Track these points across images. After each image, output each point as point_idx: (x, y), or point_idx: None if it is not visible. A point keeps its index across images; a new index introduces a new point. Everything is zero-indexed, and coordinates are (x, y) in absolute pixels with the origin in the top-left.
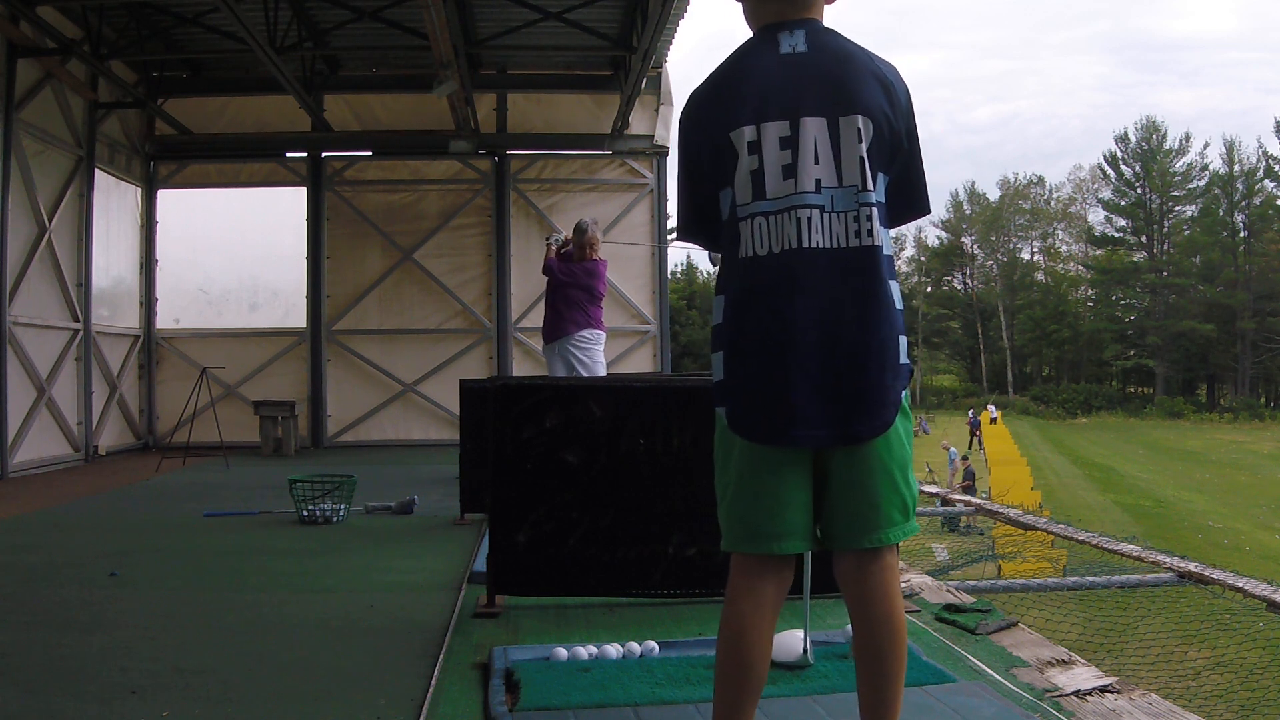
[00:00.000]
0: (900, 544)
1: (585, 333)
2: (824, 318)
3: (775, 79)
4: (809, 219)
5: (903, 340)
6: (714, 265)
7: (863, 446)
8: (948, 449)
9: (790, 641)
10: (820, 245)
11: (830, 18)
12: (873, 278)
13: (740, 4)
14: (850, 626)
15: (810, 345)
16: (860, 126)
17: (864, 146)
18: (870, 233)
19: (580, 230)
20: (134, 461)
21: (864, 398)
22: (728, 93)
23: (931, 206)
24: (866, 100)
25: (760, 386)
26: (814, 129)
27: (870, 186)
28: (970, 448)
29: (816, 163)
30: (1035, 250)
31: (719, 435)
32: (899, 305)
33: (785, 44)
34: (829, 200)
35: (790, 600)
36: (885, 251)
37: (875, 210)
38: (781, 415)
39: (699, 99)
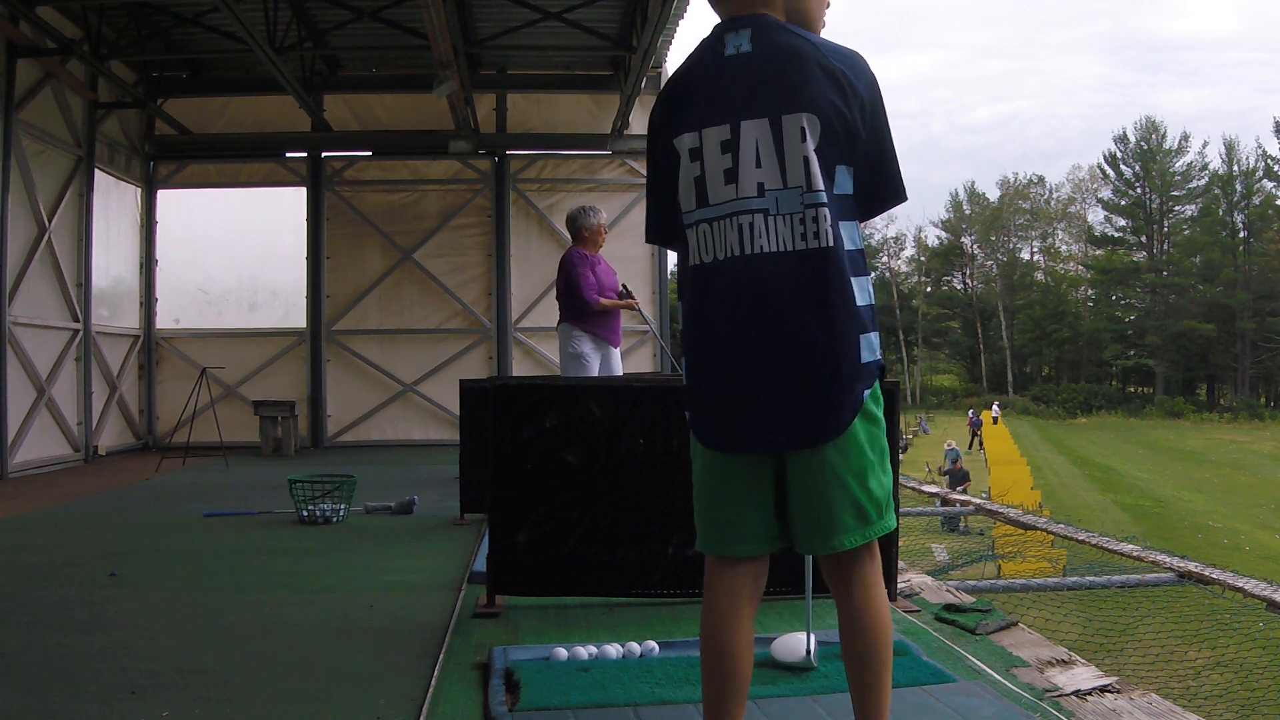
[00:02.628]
0: (878, 545)
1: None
2: (772, 323)
3: (718, 82)
4: (750, 224)
5: (866, 339)
6: None
7: (817, 451)
8: (951, 448)
9: (793, 643)
10: (765, 250)
11: (831, 18)
12: (825, 279)
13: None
14: None
15: (759, 351)
16: (805, 124)
17: (810, 145)
18: (818, 234)
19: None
20: (134, 461)
21: (816, 401)
22: (674, 99)
23: (907, 193)
24: (812, 95)
25: (713, 393)
26: (754, 131)
27: (818, 186)
28: (970, 448)
29: (758, 166)
30: (1035, 250)
31: (692, 438)
32: (863, 301)
33: (730, 44)
34: (773, 203)
35: (790, 600)
36: (846, 248)
37: (827, 210)
38: (733, 422)
39: (657, 105)
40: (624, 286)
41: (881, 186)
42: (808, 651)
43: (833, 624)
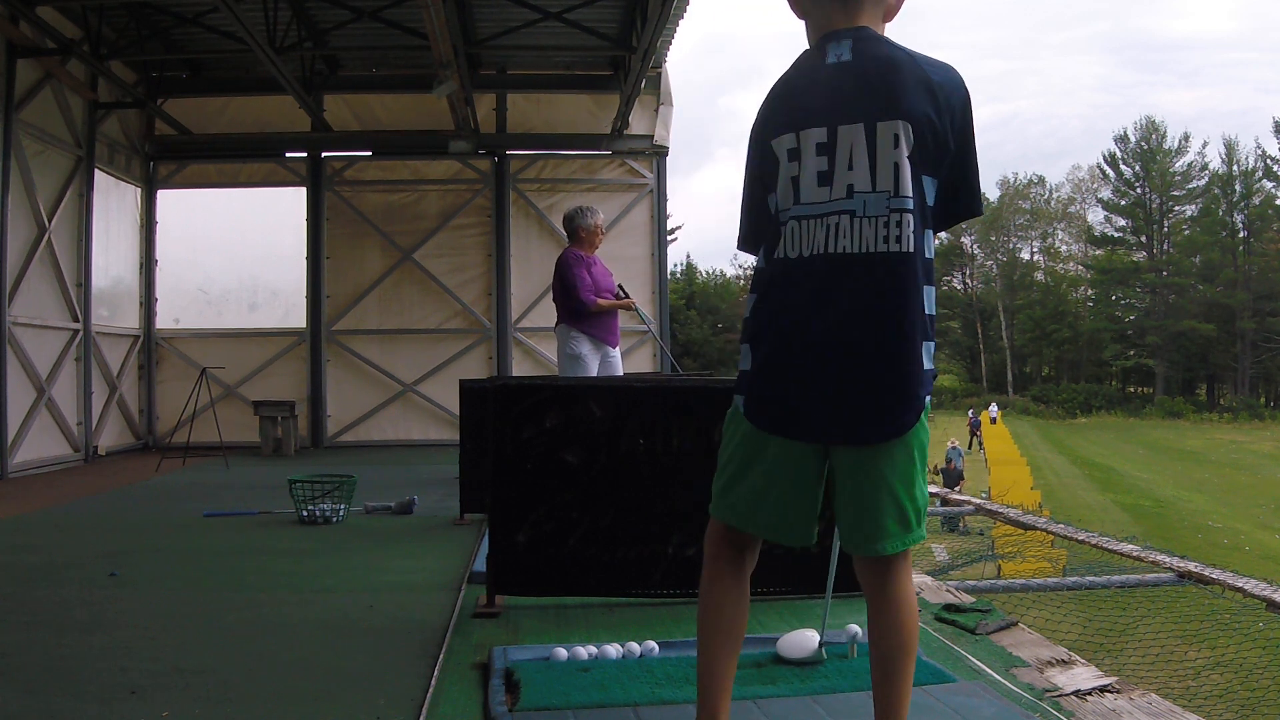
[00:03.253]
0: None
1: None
2: (845, 320)
3: (818, 88)
4: (837, 224)
5: (927, 346)
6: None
7: (873, 451)
8: (953, 445)
9: (800, 640)
10: (848, 250)
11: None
12: (901, 283)
13: (806, 17)
14: (851, 626)
15: (828, 346)
16: (900, 132)
17: (903, 152)
18: (900, 238)
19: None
20: (134, 461)
21: (881, 400)
22: (774, 104)
23: (983, 208)
24: (909, 105)
25: (781, 381)
26: (851, 135)
27: (906, 192)
28: (970, 447)
29: (851, 168)
30: (1035, 250)
31: (730, 415)
32: (930, 310)
33: (831, 54)
34: (861, 205)
35: (790, 600)
36: (925, 256)
37: (911, 216)
38: (794, 408)
39: (760, 111)
40: (620, 287)
41: (961, 199)
42: (819, 646)
43: (832, 623)
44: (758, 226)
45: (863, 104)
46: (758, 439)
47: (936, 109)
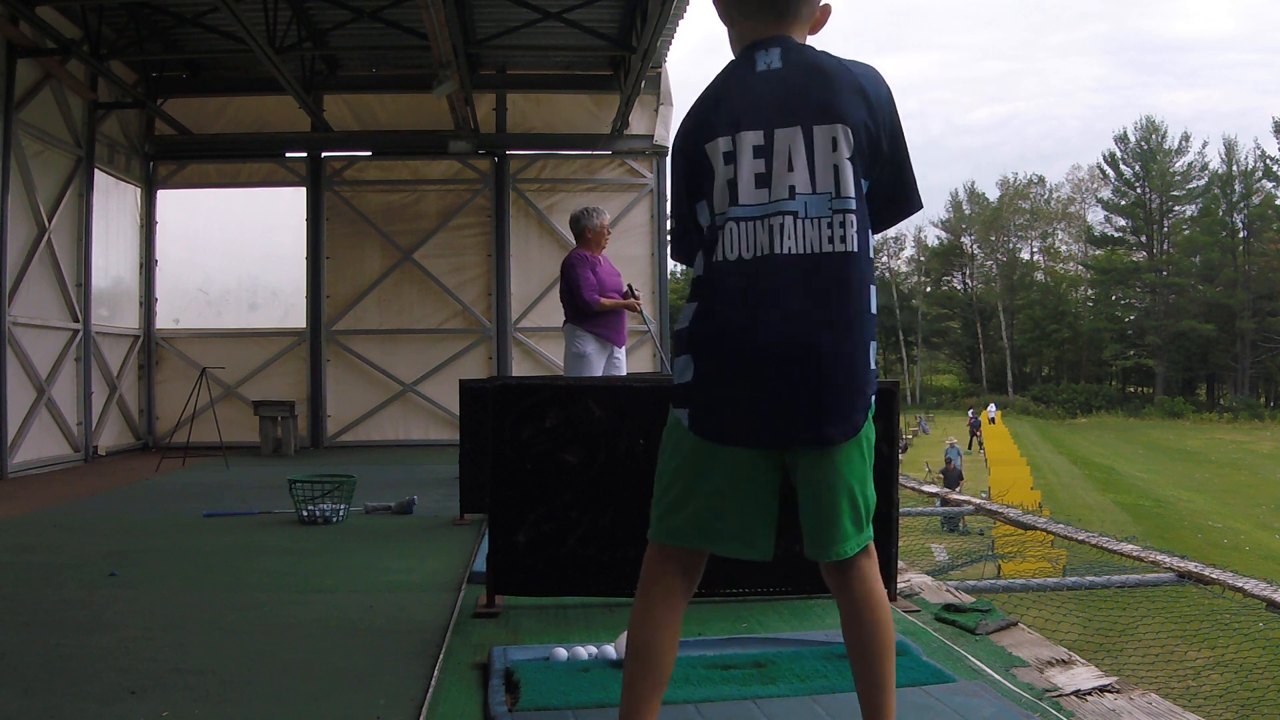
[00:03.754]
0: (872, 546)
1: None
2: (796, 322)
3: (750, 94)
4: (781, 225)
5: (873, 346)
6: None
7: (828, 454)
8: (952, 444)
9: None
10: (793, 251)
11: (830, 19)
12: (847, 283)
13: (730, 26)
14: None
15: (782, 349)
16: (839, 135)
17: (843, 154)
18: (845, 238)
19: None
20: (134, 461)
21: (834, 400)
22: (704, 112)
23: (924, 202)
24: (844, 110)
25: (731, 388)
26: (788, 138)
27: (849, 193)
28: (970, 448)
29: (791, 170)
30: (1035, 250)
31: (669, 431)
32: (873, 310)
33: (760, 62)
34: (803, 206)
35: (790, 600)
36: (868, 255)
37: (854, 216)
38: (746, 416)
39: (686, 120)
40: (629, 287)
41: (900, 196)
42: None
43: (831, 624)
44: (688, 235)
45: (798, 108)
46: (705, 453)
47: (870, 112)
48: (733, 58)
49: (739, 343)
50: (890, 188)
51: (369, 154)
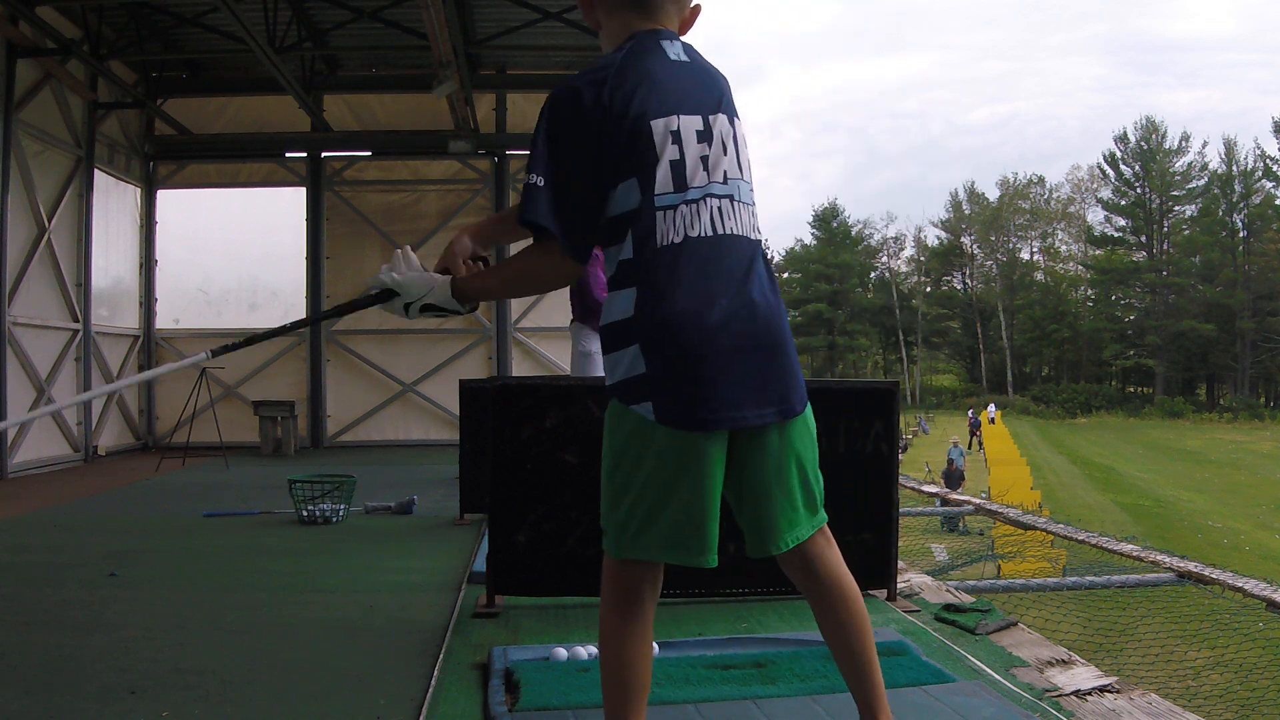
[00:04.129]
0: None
1: None
2: (745, 301)
3: (677, 79)
4: (720, 208)
5: None
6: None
7: (785, 432)
8: (955, 445)
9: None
10: (735, 232)
11: (830, 19)
12: (768, 265)
13: (606, 20)
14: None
15: (741, 328)
16: (743, 131)
17: (748, 148)
18: (757, 228)
19: None
20: (134, 461)
21: (794, 373)
22: (636, 83)
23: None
24: (736, 108)
25: (696, 373)
26: (719, 125)
27: (753, 184)
28: (970, 447)
29: (725, 154)
30: (1035, 250)
31: (628, 436)
32: None
33: (671, 52)
34: (737, 190)
35: (790, 600)
36: None
37: (756, 209)
38: (723, 398)
39: (600, 85)
40: None
41: None
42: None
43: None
44: (593, 217)
45: (718, 100)
46: (680, 447)
47: None
48: (633, 43)
49: (700, 325)
50: None
51: (369, 154)
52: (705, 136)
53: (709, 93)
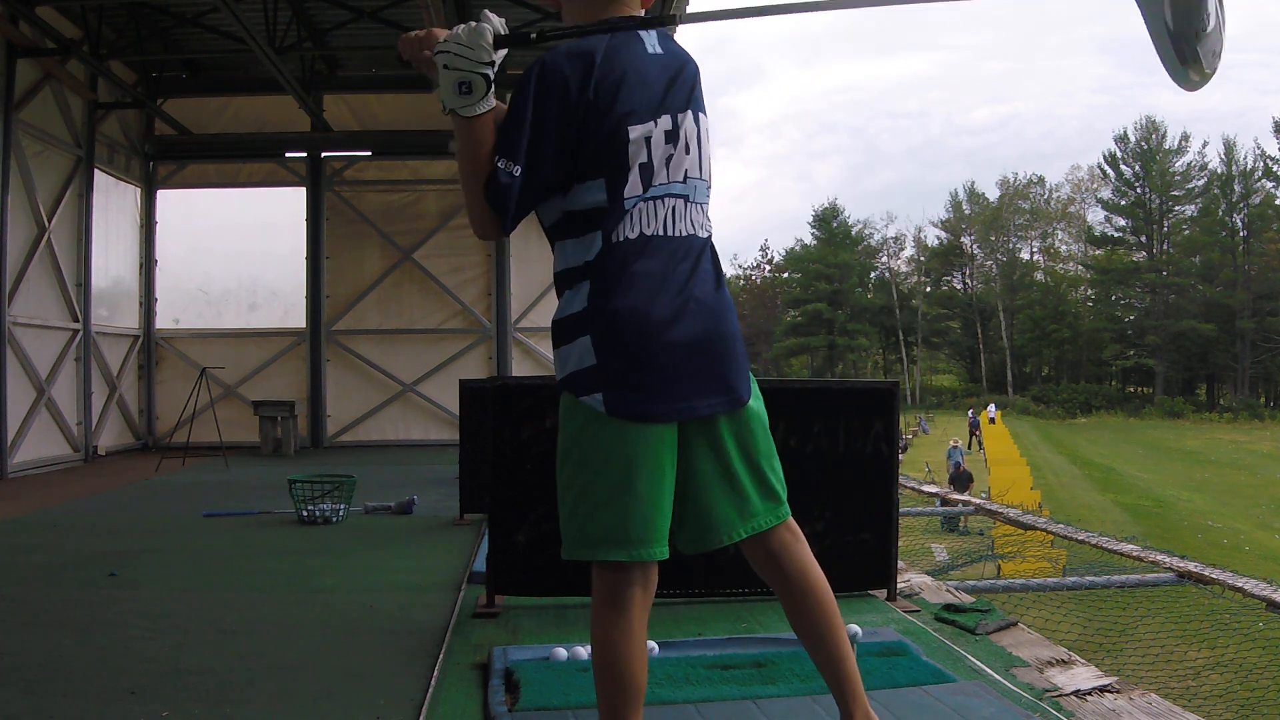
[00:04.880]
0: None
1: None
2: (695, 296)
3: (652, 75)
4: (673, 208)
5: None
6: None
7: (735, 422)
8: (955, 445)
9: None
10: (685, 233)
11: (829, 18)
12: (717, 262)
13: (563, 9)
14: (851, 626)
15: (687, 320)
16: (708, 126)
17: (711, 144)
18: (707, 226)
19: None
20: (134, 461)
21: (741, 366)
22: (619, 82)
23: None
24: (704, 100)
25: (647, 363)
26: (685, 123)
27: (711, 182)
28: (970, 447)
29: (687, 154)
30: (1035, 250)
31: (579, 429)
32: None
33: (648, 43)
34: (693, 190)
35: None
36: None
37: (709, 205)
38: (671, 389)
39: (587, 72)
40: None
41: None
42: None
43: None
44: (543, 199)
45: (686, 96)
46: (629, 439)
47: None
48: (617, 34)
49: (649, 317)
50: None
51: (369, 154)
52: (672, 137)
53: (680, 88)
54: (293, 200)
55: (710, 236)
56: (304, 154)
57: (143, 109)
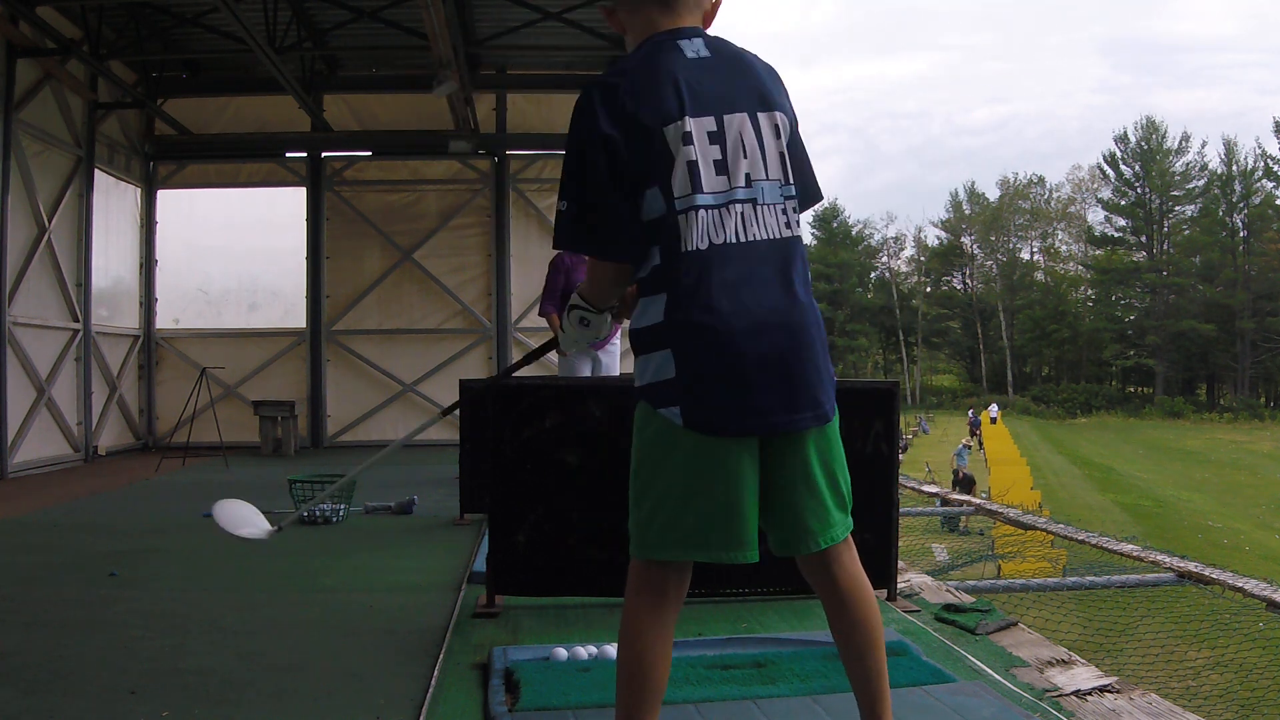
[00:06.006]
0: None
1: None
2: (773, 305)
3: (690, 78)
4: (743, 213)
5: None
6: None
7: (817, 436)
8: (965, 445)
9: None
10: (759, 237)
11: (829, 18)
12: (803, 267)
13: (629, 20)
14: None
15: (773, 333)
16: (778, 123)
17: (783, 142)
18: (791, 224)
19: None
20: (134, 461)
21: (824, 377)
22: (648, 89)
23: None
24: (777, 98)
25: (727, 378)
26: (737, 124)
27: (790, 180)
28: (970, 447)
29: (745, 156)
30: (1035, 250)
31: (653, 438)
32: None
33: (688, 49)
34: (760, 193)
35: (791, 600)
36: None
37: (795, 203)
38: (754, 404)
39: (614, 90)
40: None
41: (809, 186)
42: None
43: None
44: (622, 225)
45: (739, 96)
46: (708, 451)
47: (789, 103)
48: (648, 45)
49: (730, 331)
50: (801, 177)
51: (369, 154)
52: (718, 138)
53: (732, 90)
54: (293, 200)
55: (793, 237)
56: (304, 154)
57: (143, 109)
